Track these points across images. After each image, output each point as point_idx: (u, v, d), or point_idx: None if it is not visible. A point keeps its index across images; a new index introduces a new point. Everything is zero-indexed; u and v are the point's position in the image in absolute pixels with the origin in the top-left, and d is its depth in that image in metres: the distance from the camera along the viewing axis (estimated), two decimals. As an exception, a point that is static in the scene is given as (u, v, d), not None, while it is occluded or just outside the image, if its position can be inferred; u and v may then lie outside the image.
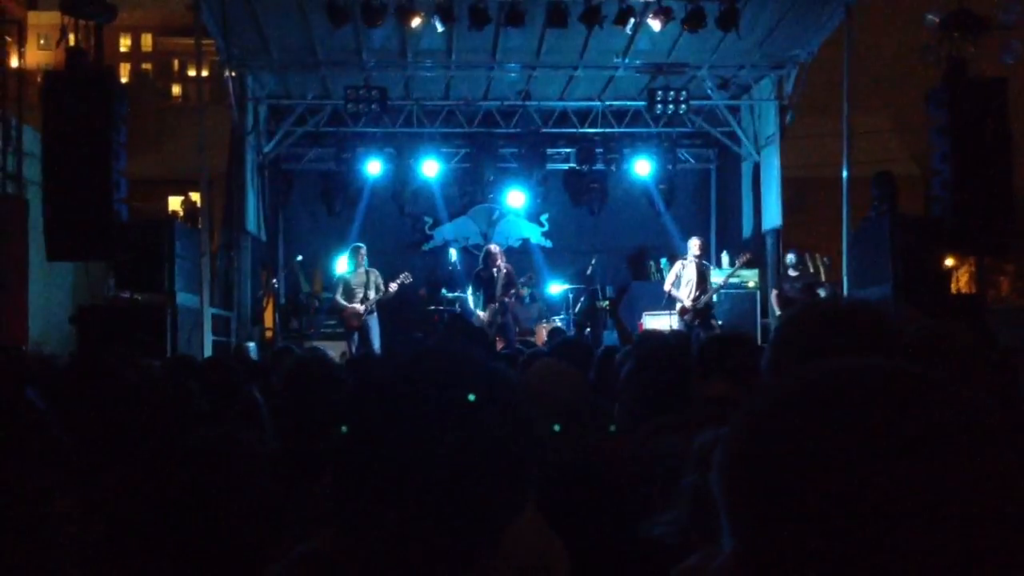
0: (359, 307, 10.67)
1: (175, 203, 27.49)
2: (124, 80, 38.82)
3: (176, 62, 53.24)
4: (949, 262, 14.46)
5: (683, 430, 2.83)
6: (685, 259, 10.97)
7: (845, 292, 10.51)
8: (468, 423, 1.37)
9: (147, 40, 54.31)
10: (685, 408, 3.02)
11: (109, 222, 9.13)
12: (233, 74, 12.30)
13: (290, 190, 14.26)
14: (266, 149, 13.25)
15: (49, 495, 1.46)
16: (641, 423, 3.08)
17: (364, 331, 10.56)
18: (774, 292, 11.62)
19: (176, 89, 51.51)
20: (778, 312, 11.33)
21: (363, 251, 10.93)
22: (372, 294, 10.71)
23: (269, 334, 12.88)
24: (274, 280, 12.43)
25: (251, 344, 10.60)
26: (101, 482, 2.03)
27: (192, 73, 51.26)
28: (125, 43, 52.96)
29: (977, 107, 9.42)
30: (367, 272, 10.85)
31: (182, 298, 9.59)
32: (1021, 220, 10.00)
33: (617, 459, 2.67)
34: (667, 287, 10.92)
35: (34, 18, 44.66)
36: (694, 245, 11.00)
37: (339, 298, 10.85)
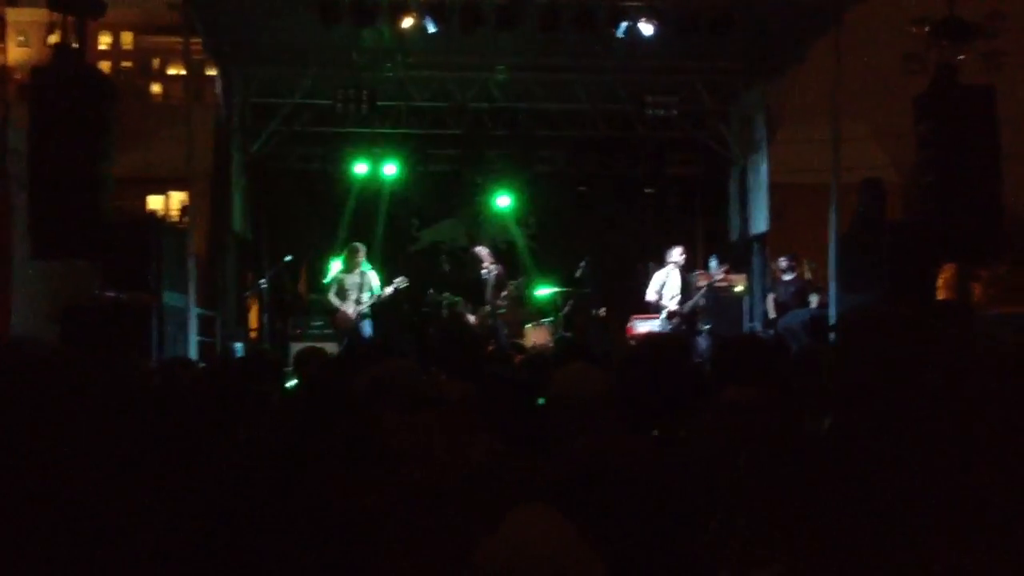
0: (350, 309, 10.60)
1: (155, 202, 27.24)
2: (103, 77, 38.25)
3: (156, 60, 52.78)
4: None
5: (703, 437, 2.81)
6: (668, 267, 11.03)
7: (832, 298, 10.55)
8: None
9: (127, 38, 53.79)
10: (704, 411, 3.01)
11: (95, 220, 9.03)
12: (219, 72, 12.20)
13: (276, 190, 14.14)
14: (252, 148, 13.13)
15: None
16: (649, 424, 3.06)
17: (355, 333, 10.49)
18: (770, 296, 11.68)
19: (156, 87, 51.08)
20: (772, 316, 11.39)
21: (361, 252, 10.86)
22: (365, 296, 10.64)
23: (254, 334, 12.77)
24: (260, 280, 12.33)
25: (237, 344, 10.51)
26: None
27: (172, 71, 50.87)
28: (105, 40, 52.47)
29: (965, 115, 9.50)
30: (362, 273, 10.78)
31: (168, 297, 9.50)
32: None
33: (649, 462, 2.64)
34: (651, 296, 10.99)
35: (13, 15, 44.17)
36: (676, 253, 11.06)
37: (332, 299, 10.77)
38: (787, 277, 11.56)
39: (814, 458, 1.43)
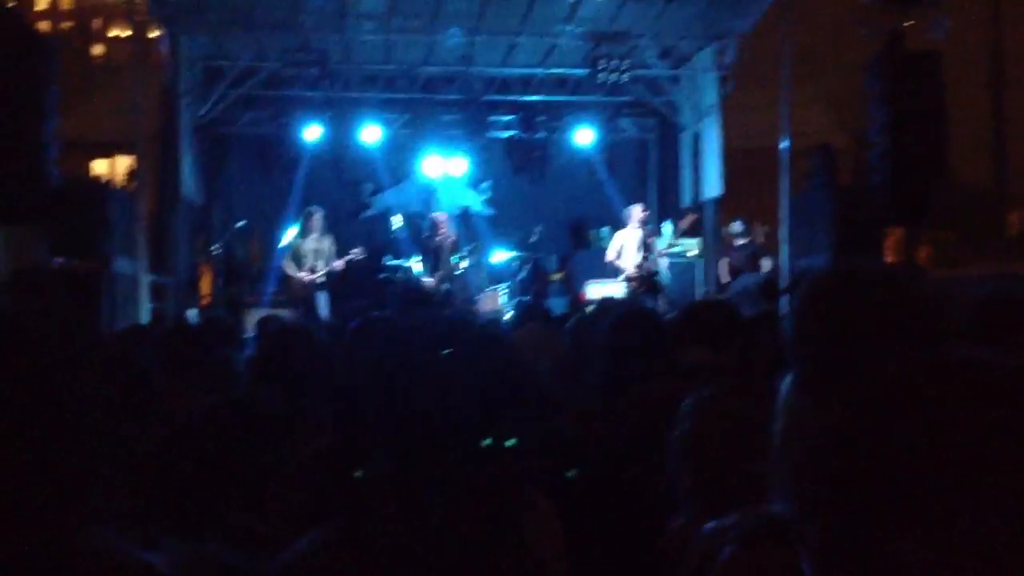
0: (305, 277, 10.47)
1: (100, 167, 26.64)
2: (41, 38, 36.88)
3: (98, 21, 51.33)
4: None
5: (668, 397, 2.86)
6: (628, 227, 11.03)
7: (784, 262, 10.71)
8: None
9: (65, -3, 52.11)
10: (665, 374, 3.05)
11: (40, 185, 8.81)
12: (165, 34, 11.92)
13: (226, 155, 13.92)
14: (200, 112, 12.88)
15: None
16: (620, 389, 3.10)
17: (310, 302, 10.37)
18: (724, 260, 11.78)
19: (97, 49, 49.72)
20: (725, 281, 11.51)
21: (317, 216, 10.70)
22: (321, 265, 10.50)
23: (206, 301, 12.61)
24: (212, 247, 12.14)
25: (191, 311, 10.37)
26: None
27: (114, 33, 49.50)
28: (42, 0, 50.83)
29: (914, 79, 9.64)
30: (320, 239, 10.61)
31: (118, 264, 9.33)
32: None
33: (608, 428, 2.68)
34: (610, 256, 10.98)
35: (-57, -29, 42.44)
36: (636, 211, 11.04)
37: (287, 265, 10.61)
38: (740, 241, 11.68)
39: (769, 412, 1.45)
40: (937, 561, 0.72)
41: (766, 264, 11.53)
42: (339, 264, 10.61)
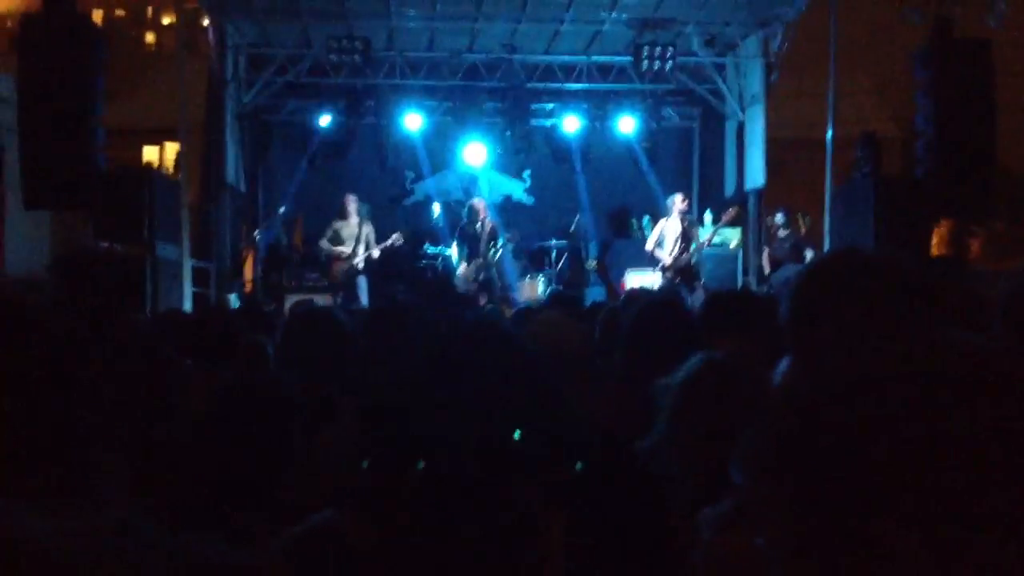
0: (344, 262, 10.56)
1: (150, 153, 27.03)
2: (95, 26, 37.23)
3: (149, 9, 52.10)
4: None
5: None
6: (668, 217, 10.92)
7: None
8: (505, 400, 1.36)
9: (119, -14, 52.84)
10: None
11: (88, 170, 8.97)
12: (211, 22, 12.07)
13: (270, 141, 14.06)
14: (245, 99, 13.03)
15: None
16: (644, 378, 3.08)
17: (351, 288, 10.46)
18: (765, 251, 11.65)
19: (149, 37, 50.44)
20: (767, 271, 11.38)
21: (352, 201, 10.77)
22: (361, 249, 10.58)
23: (249, 287, 12.78)
24: (255, 232, 12.28)
25: (232, 296, 10.52)
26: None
27: (167, 21, 50.14)
28: (96, -12, 51.60)
29: (963, 68, 9.42)
30: (360, 224, 10.68)
31: (162, 249, 9.48)
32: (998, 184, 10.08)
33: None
34: (649, 246, 10.89)
35: (1, -40, 43.29)
36: (677, 201, 10.92)
37: (324, 245, 10.66)
38: (783, 233, 11.53)
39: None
40: (899, 541, 0.71)
41: (809, 255, 11.37)
42: (376, 251, 10.68)
